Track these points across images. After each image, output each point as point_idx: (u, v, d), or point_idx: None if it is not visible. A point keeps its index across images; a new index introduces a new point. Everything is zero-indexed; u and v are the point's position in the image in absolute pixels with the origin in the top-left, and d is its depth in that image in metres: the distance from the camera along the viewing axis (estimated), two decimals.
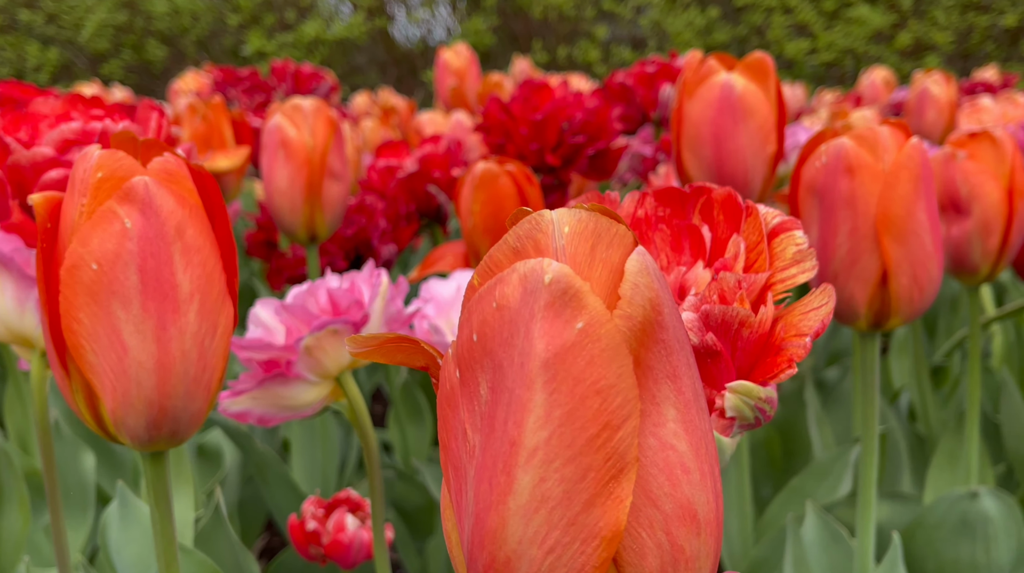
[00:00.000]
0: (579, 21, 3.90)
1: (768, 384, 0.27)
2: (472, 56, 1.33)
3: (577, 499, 0.18)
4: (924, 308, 0.46)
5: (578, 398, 0.18)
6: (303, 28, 4.26)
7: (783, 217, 0.29)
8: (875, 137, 0.44)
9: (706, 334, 0.26)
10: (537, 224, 0.19)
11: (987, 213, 0.58)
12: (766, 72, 0.59)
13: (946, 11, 3.70)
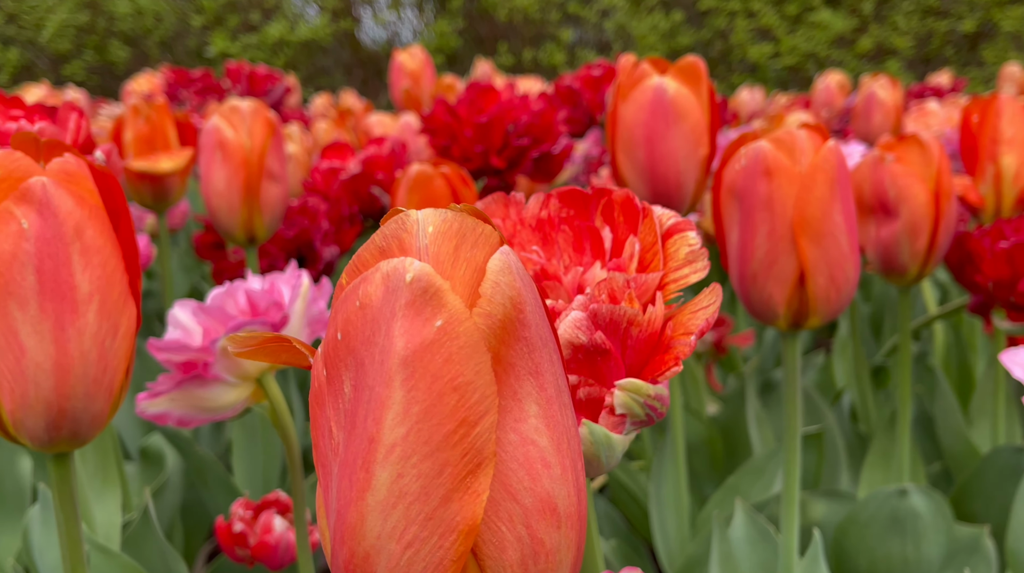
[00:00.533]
0: (544, 24, 3.92)
1: (658, 382, 0.27)
2: (427, 59, 1.33)
3: (435, 494, 0.19)
4: (842, 307, 0.46)
5: (436, 395, 0.18)
6: (267, 30, 4.23)
7: (677, 218, 0.29)
8: (792, 140, 0.45)
9: (595, 333, 0.26)
10: (403, 224, 0.20)
11: (915, 215, 0.60)
12: (698, 76, 0.60)
13: (906, 16, 3.76)
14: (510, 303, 0.19)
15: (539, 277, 0.30)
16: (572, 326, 0.26)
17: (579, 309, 0.26)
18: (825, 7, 3.77)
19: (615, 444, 0.27)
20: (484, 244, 0.20)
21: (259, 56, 4.45)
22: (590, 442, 0.27)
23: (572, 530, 0.20)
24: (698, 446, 0.79)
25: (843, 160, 0.45)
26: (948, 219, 0.60)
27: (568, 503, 0.20)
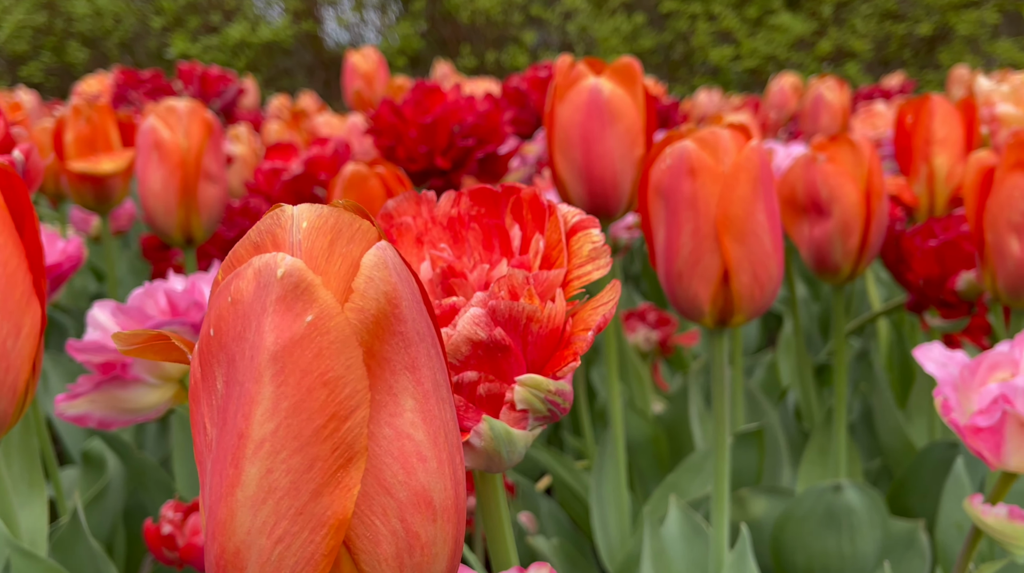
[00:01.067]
0: (507, 26, 3.92)
1: (559, 377, 0.28)
2: (381, 60, 1.33)
3: (305, 489, 0.19)
4: (766, 305, 0.47)
5: (305, 390, 0.18)
6: (228, 31, 4.20)
7: (582, 216, 0.30)
8: (716, 140, 0.45)
9: (495, 329, 0.26)
10: (277, 219, 0.20)
11: (846, 214, 0.61)
12: (634, 77, 0.60)
13: (864, 20, 3.81)
14: (384, 298, 0.19)
15: (446, 274, 0.30)
16: (471, 322, 0.26)
17: (478, 306, 0.26)
18: (785, 10, 3.82)
19: (516, 439, 0.27)
20: (361, 240, 0.20)
21: (220, 58, 4.42)
22: (491, 438, 0.27)
23: (449, 523, 0.20)
24: (643, 445, 0.80)
25: (766, 160, 0.46)
26: (879, 218, 0.61)
27: (444, 496, 0.20)
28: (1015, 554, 0.39)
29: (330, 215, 0.20)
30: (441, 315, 0.27)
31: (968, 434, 0.37)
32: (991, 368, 0.39)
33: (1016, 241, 0.52)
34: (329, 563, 0.19)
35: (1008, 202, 0.51)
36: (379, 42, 4.54)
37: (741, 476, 0.76)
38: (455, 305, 0.27)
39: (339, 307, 0.19)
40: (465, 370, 0.27)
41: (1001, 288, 0.53)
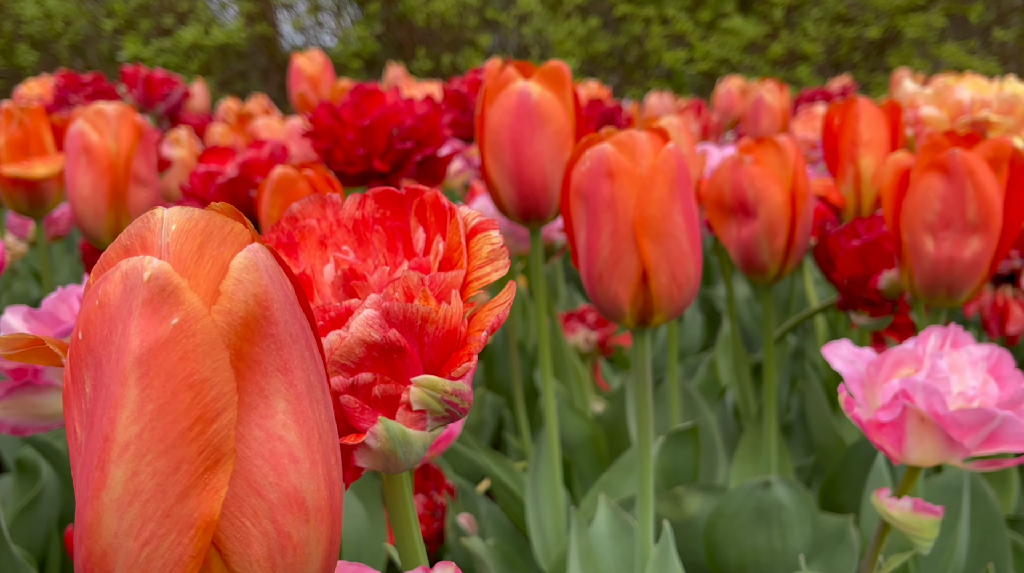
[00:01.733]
0: (462, 29, 3.92)
1: (457, 378, 0.28)
2: (327, 63, 1.33)
3: (171, 491, 0.19)
4: (685, 305, 0.48)
5: (170, 393, 0.19)
6: (181, 34, 4.15)
7: (482, 218, 0.30)
8: (633, 143, 0.46)
9: (389, 330, 0.27)
10: (147, 222, 0.20)
11: (772, 215, 0.62)
12: (563, 80, 0.61)
13: (815, 23, 3.87)
14: (253, 300, 0.19)
15: (348, 276, 0.30)
16: (364, 324, 0.26)
17: (372, 307, 0.27)
18: (737, 14, 3.86)
19: (412, 440, 0.27)
20: (232, 242, 0.20)
21: (173, 60, 4.36)
22: (386, 439, 0.27)
23: (322, 524, 0.21)
24: (583, 444, 0.80)
25: (683, 162, 0.46)
26: (804, 219, 0.63)
27: (318, 497, 0.20)
28: (919, 546, 0.40)
29: (200, 218, 0.20)
30: (337, 317, 0.27)
31: (871, 429, 0.38)
32: (895, 365, 0.40)
33: (931, 240, 0.53)
34: (197, 565, 0.19)
35: (923, 202, 0.53)
36: (335, 45, 4.52)
37: (678, 474, 0.77)
38: (350, 307, 0.27)
39: (206, 310, 0.19)
40: (360, 372, 0.27)
41: (918, 286, 0.55)
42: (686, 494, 0.72)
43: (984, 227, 0.52)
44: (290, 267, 0.22)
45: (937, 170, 0.52)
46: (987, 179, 0.51)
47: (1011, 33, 4.09)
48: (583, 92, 1.31)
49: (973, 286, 0.54)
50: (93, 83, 1.29)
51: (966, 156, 0.51)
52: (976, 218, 0.52)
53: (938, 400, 0.36)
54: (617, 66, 4.08)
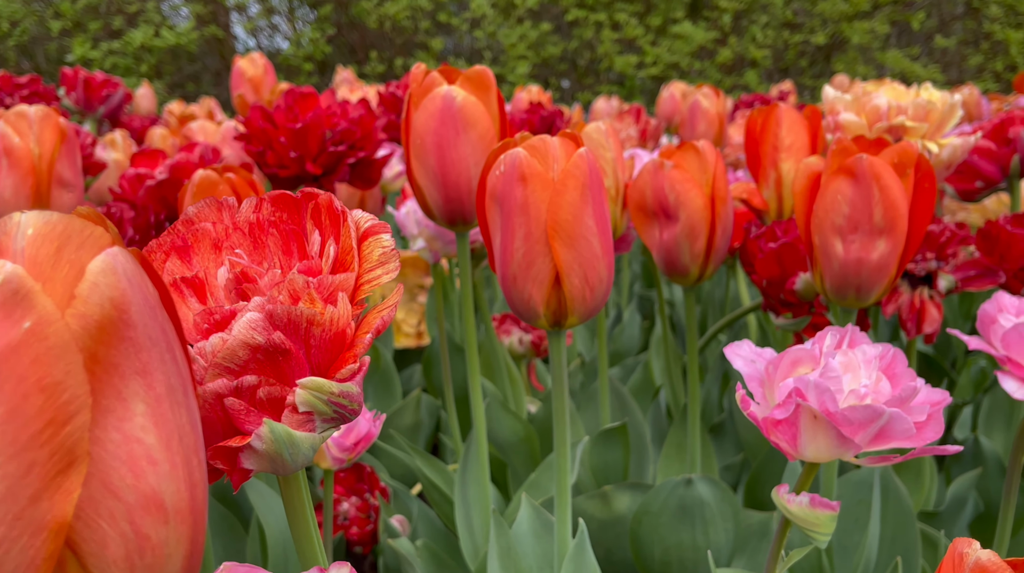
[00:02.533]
0: (415, 33, 3.92)
1: (343, 380, 0.28)
2: (268, 65, 1.32)
3: (22, 494, 0.19)
4: (598, 307, 0.49)
5: (21, 396, 0.19)
6: (130, 35, 4.09)
7: (374, 221, 0.30)
8: (546, 148, 0.47)
9: (273, 333, 0.27)
10: (4, 226, 0.20)
11: (692, 218, 0.63)
12: (487, 85, 0.61)
13: (763, 29, 3.92)
14: (109, 303, 0.20)
15: (239, 279, 0.30)
16: (247, 327, 0.27)
17: (255, 310, 0.27)
18: (687, 20, 3.90)
19: (299, 442, 0.28)
20: (92, 246, 0.20)
21: (123, 62, 4.30)
22: (271, 440, 0.27)
23: (183, 525, 0.21)
24: (516, 445, 0.81)
25: (595, 166, 0.47)
26: (724, 222, 0.64)
27: (178, 498, 0.21)
28: (817, 540, 0.41)
29: (59, 222, 0.20)
30: (222, 320, 0.28)
31: (767, 427, 0.39)
32: (793, 364, 0.41)
33: (840, 243, 0.54)
34: (50, 567, 0.19)
35: (832, 206, 0.54)
36: (288, 47, 4.48)
37: (608, 472, 0.78)
38: (235, 310, 0.28)
39: (59, 313, 0.19)
40: (245, 374, 0.27)
41: (828, 288, 0.56)
42: (615, 492, 0.73)
43: (890, 230, 0.53)
44: (156, 271, 0.22)
45: (845, 175, 0.53)
46: (893, 183, 0.53)
47: (952, 40, 4.18)
48: (525, 96, 1.31)
49: (881, 287, 0.55)
50: (29, 85, 1.27)
51: (872, 161, 0.52)
52: (882, 221, 0.53)
53: (829, 398, 0.38)
54: (569, 70, 4.10)
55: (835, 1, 3.81)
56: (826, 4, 3.82)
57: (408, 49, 4.01)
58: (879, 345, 0.42)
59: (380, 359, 0.91)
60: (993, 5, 4.11)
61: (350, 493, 0.81)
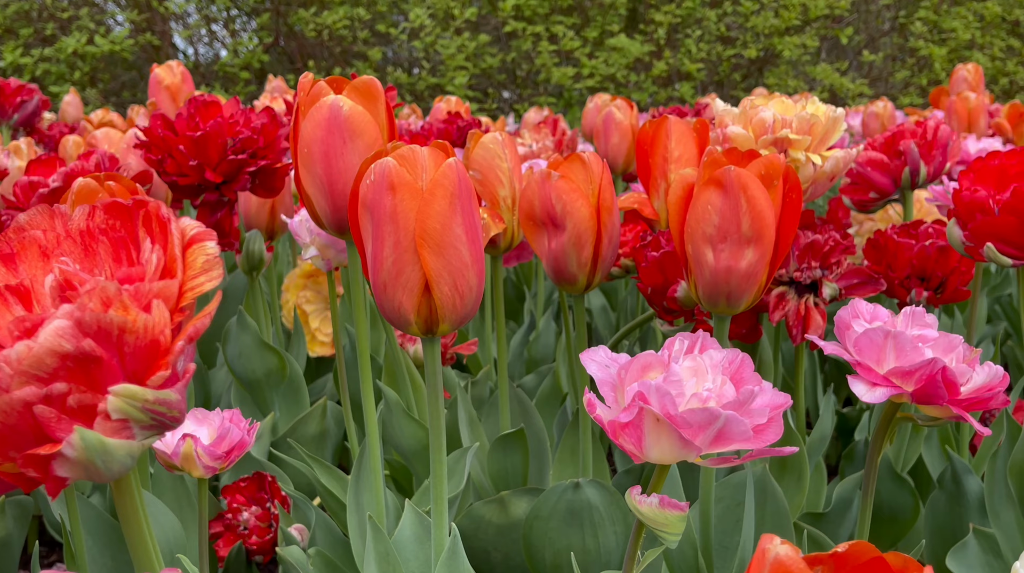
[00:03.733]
0: (353, 42, 3.91)
1: (154, 387, 0.28)
2: (186, 74, 1.31)
3: None
4: (468, 314, 0.49)
5: None
6: (63, 42, 4.01)
7: (200, 229, 0.31)
8: (415, 157, 0.47)
9: (83, 340, 0.27)
10: None
11: (578, 227, 0.64)
12: (375, 95, 0.62)
13: (697, 43, 3.99)
14: None
15: (63, 287, 0.30)
16: (53, 334, 0.27)
17: (64, 317, 0.27)
18: (623, 33, 3.96)
19: (112, 449, 0.28)
20: None
21: (55, 70, 4.22)
22: (82, 448, 0.28)
23: None
24: (420, 452, 0.81)
25: (464, 176, 0.48)
26: (610, 231, 0.65)
27: None
28: (666, 540, 0.42)
29: None
30: (32, 327, 0.28)
31: (612, 430, 0.40)
32: (643, 369, 0.42)
33: (710, 252, 0.56)
34: None
35: (703, 216, 0.56)
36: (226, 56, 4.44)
37: (507, 478, 0.79)
38: (43, 317, 0.28)
39: None
40: (55, 382, 0.27)
41: (701, 296, 0.58)
42: (512, 498, 0.73)
43: (758, 239, 0.55)
44: None
45: (714, 186, 0.55)
46: (759, 194, 0.55)
47: (879, 55, 4.30)
48: (444, 106, 1.32)
49: (751, 295, 0.57)
50: None
51: (740, 172, 0.54)
52: (750, 231, 0.55)
53: (670, 401, 0.39)
54: (508, 81, 4.13)
55: (767, 16, 3.90)
56: (758, 19, 3.91)
57: (346, 58, 4.00)
58: (726, 350, 0.43)
59: (287, 369, 0.91)
60: (918, 22, 4.24)
61: (251, 502, 0.81)
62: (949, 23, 4.26)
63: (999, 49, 4.33)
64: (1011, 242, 0.60)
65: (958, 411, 0.46)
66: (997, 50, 4.31)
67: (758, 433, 0.41)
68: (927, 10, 4.25)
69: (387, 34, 3.94)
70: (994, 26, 4.36)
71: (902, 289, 0.82)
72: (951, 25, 4.25)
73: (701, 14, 3.96)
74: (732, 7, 4.02)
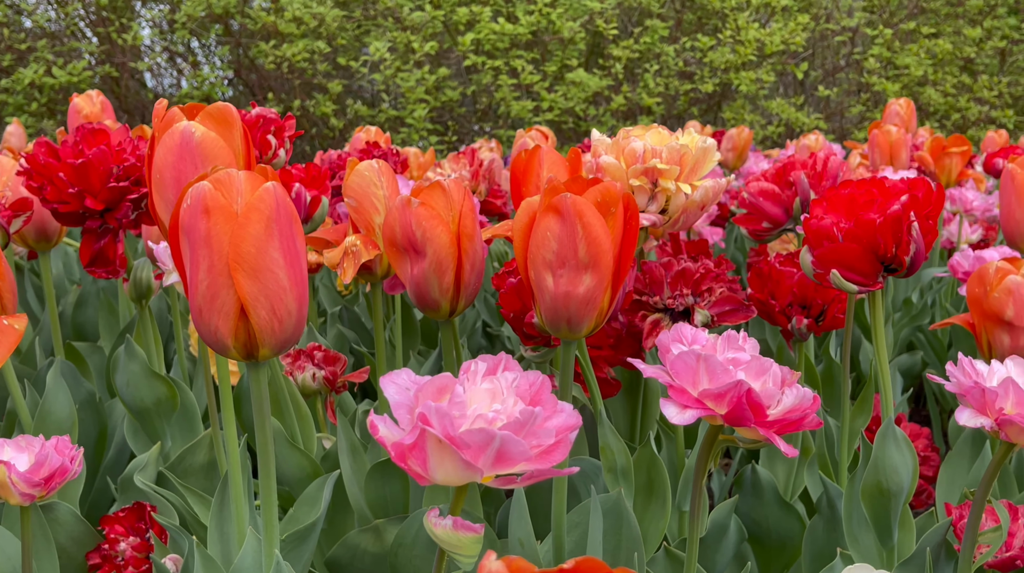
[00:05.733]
0: (313, 75, 3.93)
1: None
2: (106, 103, 1.31)
3: None
4: (290, 338, 0.49)
5: None
6: (19, 74, 4.00)
7: None
8: (231, 181, 0.48)
9: None
10: None
11: (439, 254, 0.64)
12: (230, 121, 0.62)
13: (655, 78, 4.03)
14: None
15: None
16: None
17: None
18: (582, 67, 4.00)
19: None
20: None
21: (13, 100, 4.20)
22: None
23: None
24: (303, 481, 0.81)
25: (284, 200, 0.48)
26: (472, 258, 0.66)
27: None
28: (461, 562, 0.42)
29: None
30: None
31: (397, 453, 0.40)
32: (439, 391, 0.42)
33: (550, 277, 0.56)
34: None
35: (543, 242, 0.56)
36: (185, 88, 4.44)
37: (387, 506, 0.78)
38: None
39: None
40: None
41: (545, 321, 0.58)
42: (386, 526, 0.73)
43: (595, 265, 0.56)
44: None
45: (553, 212, 0.56)
46: (595, 220, 0.55)
47: (835, 91, 4.37)
48: (363, 136, 1.33)
49: (591, 320, 0.57)
50: None
51: (576, 199, 0.55)
52: (586, 256, 0.55)
53: (449, 422, 0.39)
54: (468, 114, 4.15)
55: (723, 51, 3.95)
56: (715, 54, 3.96)
57: (307, 91, 4.02)
58: (528, 373, 0.43)
59: (177, 397, 0.90)
60: (872, 59, 4.31)
61: (129, 533, 0.80)
62: (903, 60, 4.34)
63: (951, 85, 4.41)
64: (855, 269, 0.61)
65: (765, 433, 0.46)
66: (949, 86, 4.39)
67: (546, 454, 0.41)
68: (881, 46, 4.32)
69: (348, 67, 3.97)
70: (946, 63, 4.45)
71: (783, 317, 0.82)
72: (904, 62, 4.32)
73: (659, 49, 4.01)
74: (690, 42, 4.08)
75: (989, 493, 0.53)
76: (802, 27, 4.03)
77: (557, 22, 3.82)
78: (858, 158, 1.84)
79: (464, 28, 3.87)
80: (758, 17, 4.18)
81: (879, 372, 0.65)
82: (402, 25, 3.86)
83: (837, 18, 4.41)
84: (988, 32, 4.58)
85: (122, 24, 4.01)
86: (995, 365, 0.53)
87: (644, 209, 0.75)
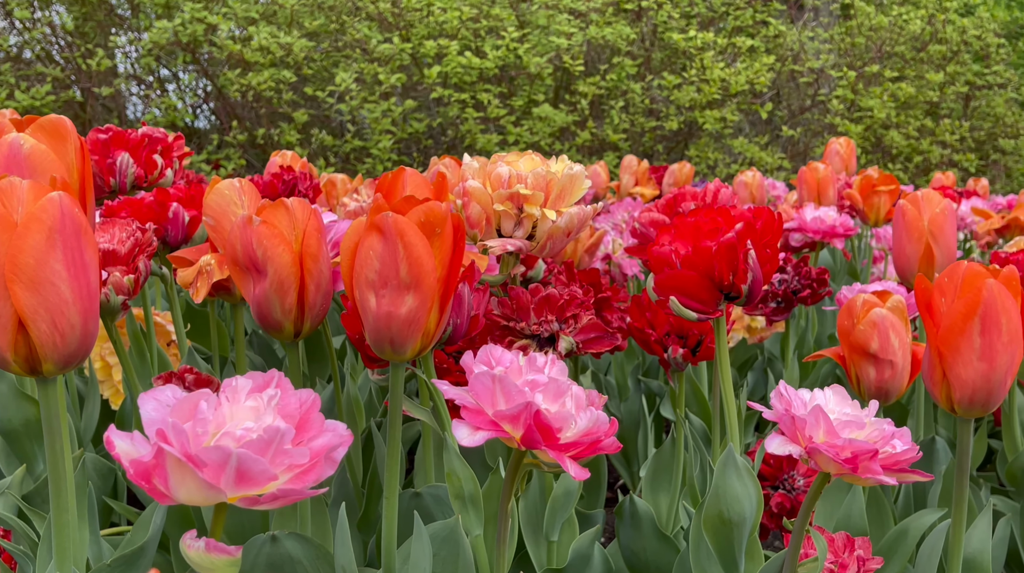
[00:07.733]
0: (279, 104, 3.93)
1: None
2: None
3: None
4: (77, 354, 0.48)
5: None
6: None
7: None
8: (12, 190, 0.46)
9: None
10: None
11: (280, 274, 0.63)
12: (63, 134, 0.61)
13: (620, 114, 4.06)
14: None
15: None
16: None
17: None
18: (548, 102, 4.02)
19: None
20: None
21: None
22: None
23: None
24: None
25: (71, 212, 0.47)
26: (317, 279, 0.64)
27: None
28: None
29: None
30: None
31: (140, 472, 0.38)
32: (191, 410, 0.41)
33: (373, 297, 0.55)
34: None
35: (366, 261, 0.55)
36: (147, 115, 4.43)
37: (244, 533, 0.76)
38: None
39: None
40: None
41: (370, 342, 0.57)
42: None
43: (417, 285, 0.54)
44: None
45: (376, 231, 0.54)
46: (417, 241, 0.54)
47: (799, 131, 4.41)
48: (279, 160, 1.32)
49: (416, 341, 0.56)
50: None
51: (397, 218, 0.54)
52: (408, 277, 0.54)
53: (185, 440, 0.37)
54: (434, 146, 4.16)
55: (688, 90, 3.98)
56: (680, 93, 3.98)
57: (273, 120, 4.02)
58: (300, 392, 0.42)
59: None
60: (835, 100, 4.36)
61: None
62: (866, 102, 4.39)
63: (914, 128, 4.46)
64: (693, 296, 0.60)
65: (554, 456, 0.45)
66: (912, 129, 4.44)
67: (302, 475, 0.39)
68: (845, 88, 4.37)
69: (314, 96, 3.97)
70: (909, 106, 4.50)
71: (659, 346, 0.81)
72: (868, 104, 4.37)
73: (626, 86, 4.04)
74: (657, 80, 4.11)
75: (806, 524, 0.51)
76: (767, 67, 4.08)
77: (524, 57, 3.85)
78: (795, 196, 1.84)
79: (432, 61, 3.89)
80: (724, 57, 4.22)
81: (724, 402, 0.64)
82: (370, 57, 3.87)
83: (803, 59, 4.46)
84: (951, 77, 4.65)
85: (88, 50, 4.00)
86: (815, 393, 0.52)
87: (510, 234, 0.74)
